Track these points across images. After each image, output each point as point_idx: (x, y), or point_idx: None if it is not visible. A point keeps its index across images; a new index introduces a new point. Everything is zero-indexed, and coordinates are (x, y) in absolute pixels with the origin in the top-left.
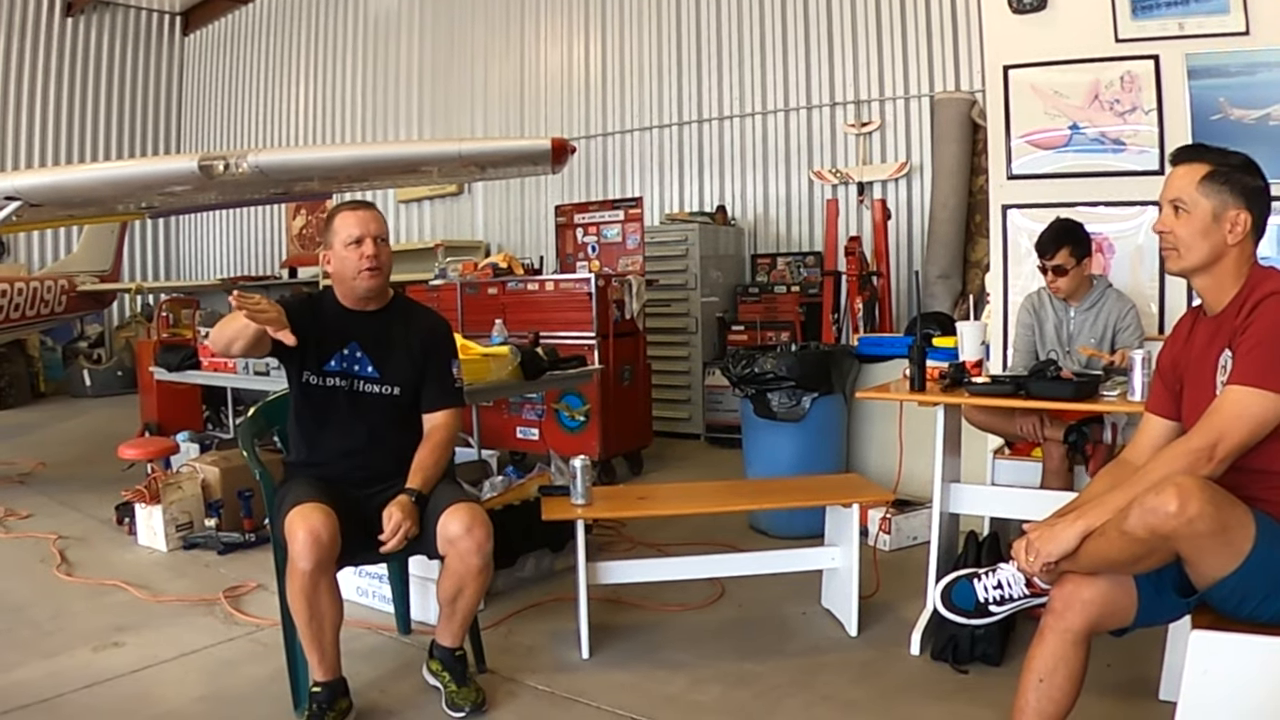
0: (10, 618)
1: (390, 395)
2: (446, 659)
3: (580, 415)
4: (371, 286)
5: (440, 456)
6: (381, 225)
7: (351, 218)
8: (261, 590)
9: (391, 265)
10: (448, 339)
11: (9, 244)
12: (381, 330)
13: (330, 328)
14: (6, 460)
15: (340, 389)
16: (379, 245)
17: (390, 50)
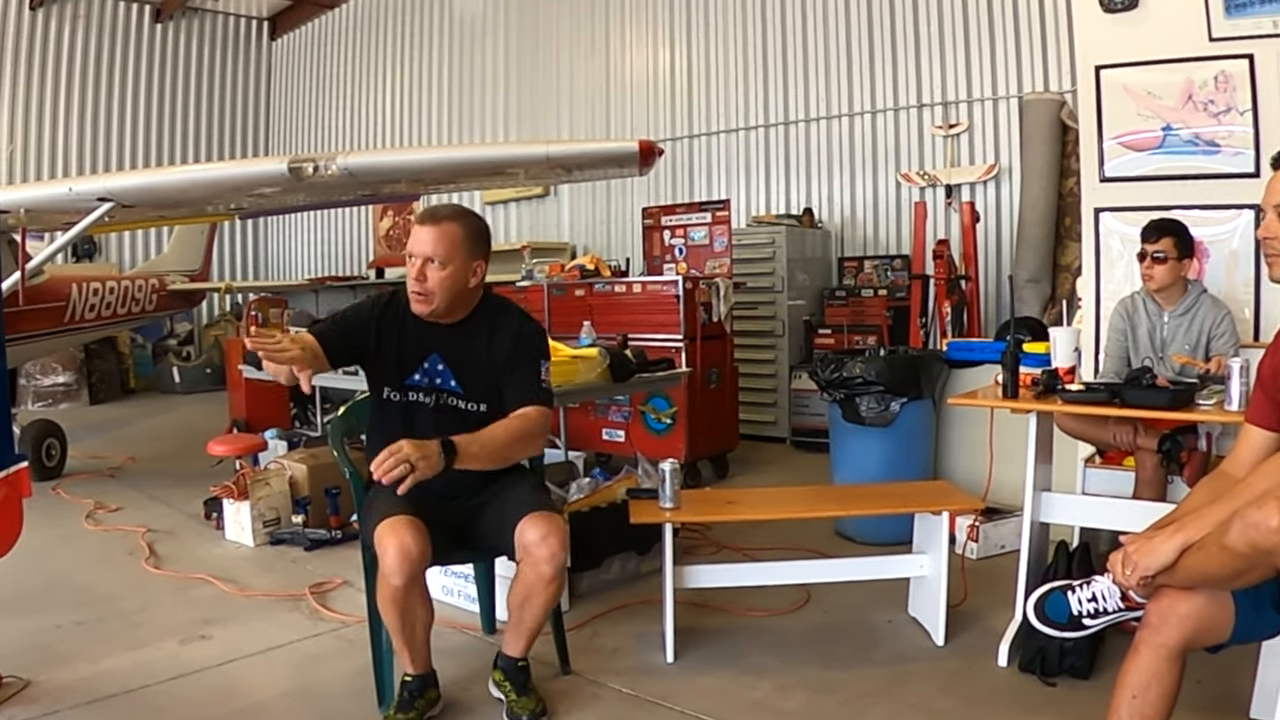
0: (99, 609)
1: (477, 412)
2: (509, 669)
3: (667, 418)
4: (418, 312)
5: (506, 436)
6: (441, 245)
7: (415, 232)
8: (347, 587)
9: (455, 289)
10: (535, 341)
11: (101, 244)
12: (463, 341)
13: (410, 338)
14: (97, 454)
15: (425, 405)
16: (428, 268)
17: (476, 52)
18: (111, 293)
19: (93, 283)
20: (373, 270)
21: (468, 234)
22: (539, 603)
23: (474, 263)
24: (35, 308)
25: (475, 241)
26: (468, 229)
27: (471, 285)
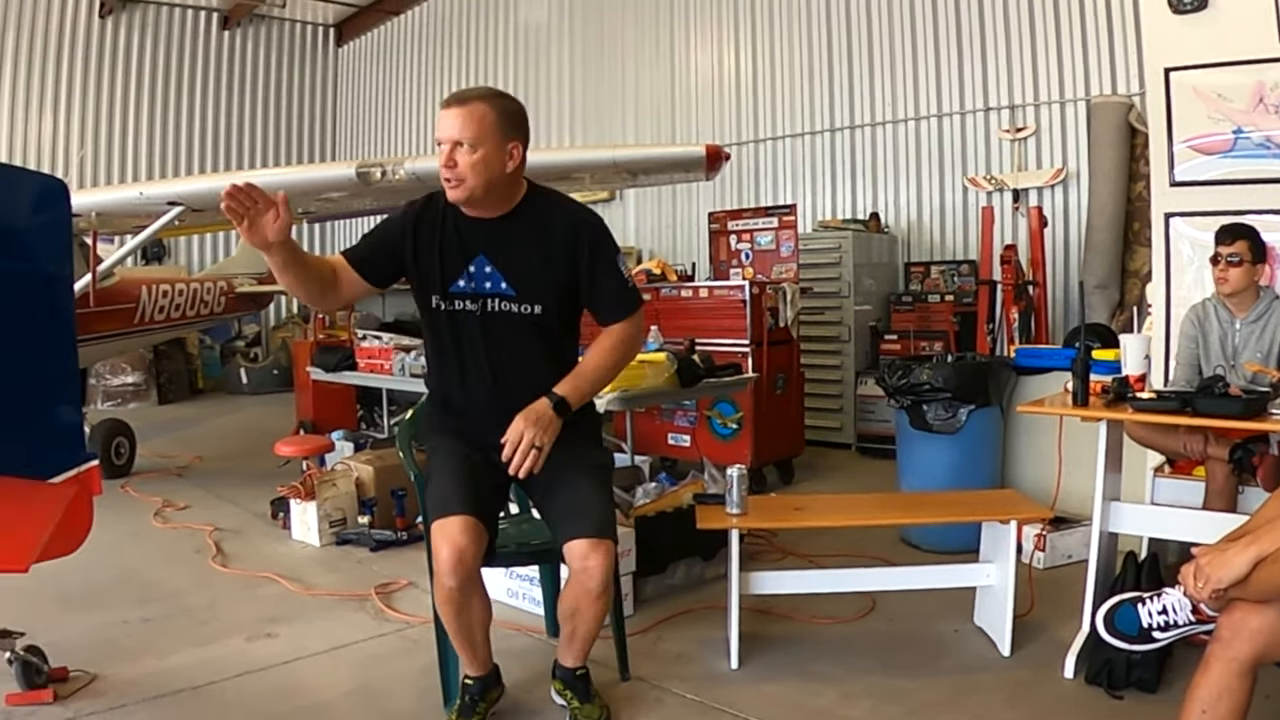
0: (167, 605)
1: (531, 315)
2: (568, 678)
3: (733, 423)
4: (453, 200)
5: (608, 362)
6: (470, 126)
7: (441, 117)
8: (413, 587)
9: (489, 173)
10: (602, 234)
11: (170, 247)
12: (511, 238)
13: (451, 238)
14: (165, 453)
15: (471, 314)
16: (458, 153)
17: (541, 58)
18: (180, 295)
19: (162, 285)
20: None
21: (499, 113)
22: (587, 616)
23: (509, 144)
24: (106, 309)
25: (508, 121)
26: (498, 108)
27: (509, 170)
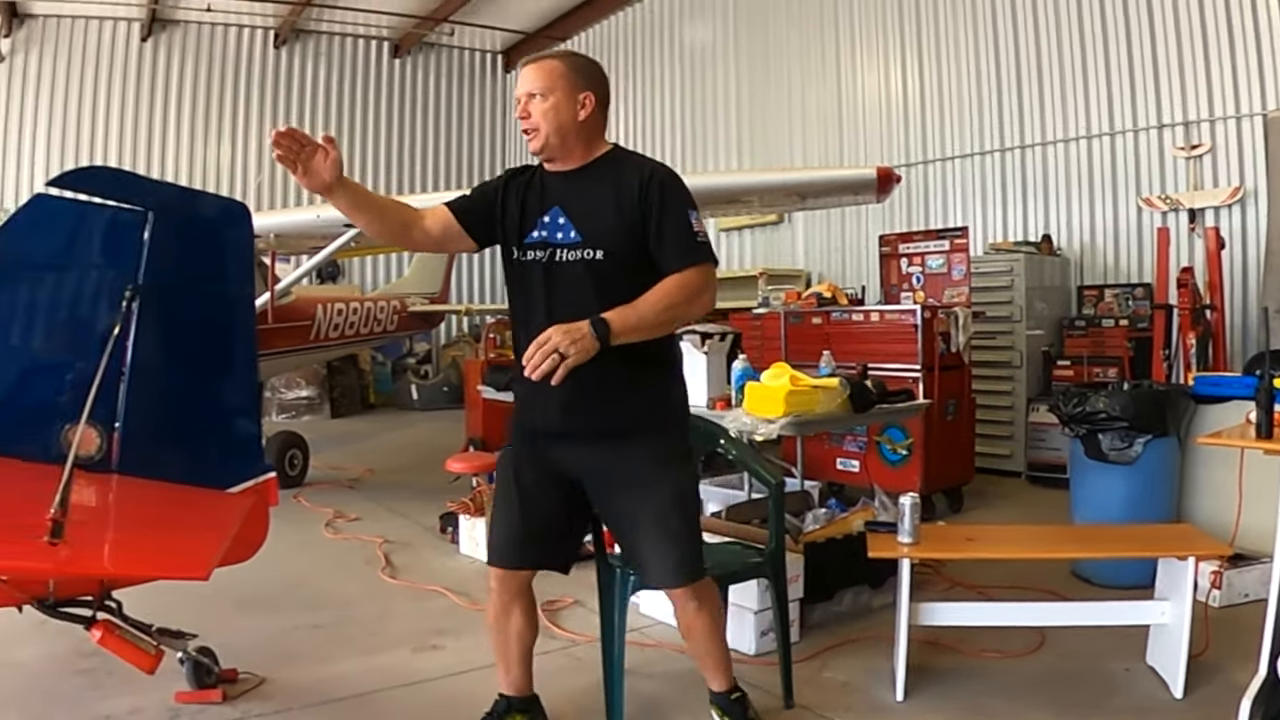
0: (337, 614)
1: (592, 261)
2: (723, 703)
3: (903, 449)
4: (533, 151)
5: (662, 300)
6: (539, 78)
7: (519, 78)
8: (579, 606)
9: (559, 119)
10: (674, 184)
11: (344, 267)
12: (585, 189)
13: (535, 193)
14: (337, 465)
15: (537, 263)
16: (531, 104)
17: (707, 79)
18: (354, 313)
19: (337, 303)
20: None
21: (569, 66)
22: (697, 639)
23: (580, 94)
24: (283, 326)
25: (579, 73)
26: (568, 62)
27: (581, 118)
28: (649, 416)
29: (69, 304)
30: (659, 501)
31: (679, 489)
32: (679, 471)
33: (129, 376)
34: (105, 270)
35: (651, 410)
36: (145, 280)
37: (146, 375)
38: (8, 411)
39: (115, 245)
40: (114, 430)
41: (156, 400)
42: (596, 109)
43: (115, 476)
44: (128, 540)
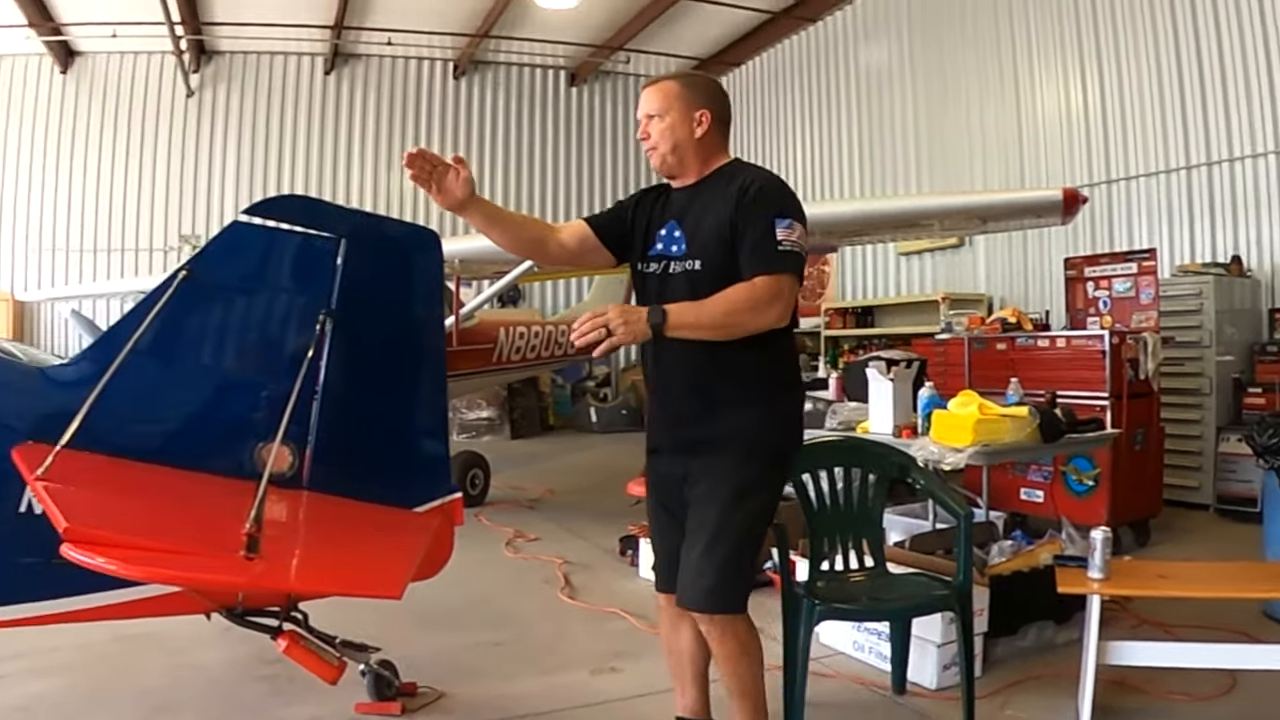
0: (517, 632)
1: (689, 272)
2: None
3: (1089, 479)
4: (656, 169)
5: (724, 303)
6: (656, 99)
7: (640, 98)
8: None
9: (676, 137)
10: (768, 192)
11: (525, 291)
12: (698, 201)
13: (659, 209)
14: (517, 485)
15: (654, 276)
16: (650, 125)
17: (884, 101)
18: (536, 336)
19: (518, 327)
20: None
21: (684, 85)
22: (721, 668)
23: (696, 111)
24: (467, 349)
25: (694, 91)
26: (684, 81)
27: (698, 135)
28: (731, 439)
29: (265, 326)
30: (716, 527)
31: (742, 519)
32: (752, 501)
33: (322, 396)
34: (300, 294)
35: (736, 433)
36: (338, 304)
37: (338, 396)
38: (205, 428)
39: (309, 270)
40: (306, 448)
41: (348, 420)
42: (713, 125)
43: (306, 493)
44: (321, 557)
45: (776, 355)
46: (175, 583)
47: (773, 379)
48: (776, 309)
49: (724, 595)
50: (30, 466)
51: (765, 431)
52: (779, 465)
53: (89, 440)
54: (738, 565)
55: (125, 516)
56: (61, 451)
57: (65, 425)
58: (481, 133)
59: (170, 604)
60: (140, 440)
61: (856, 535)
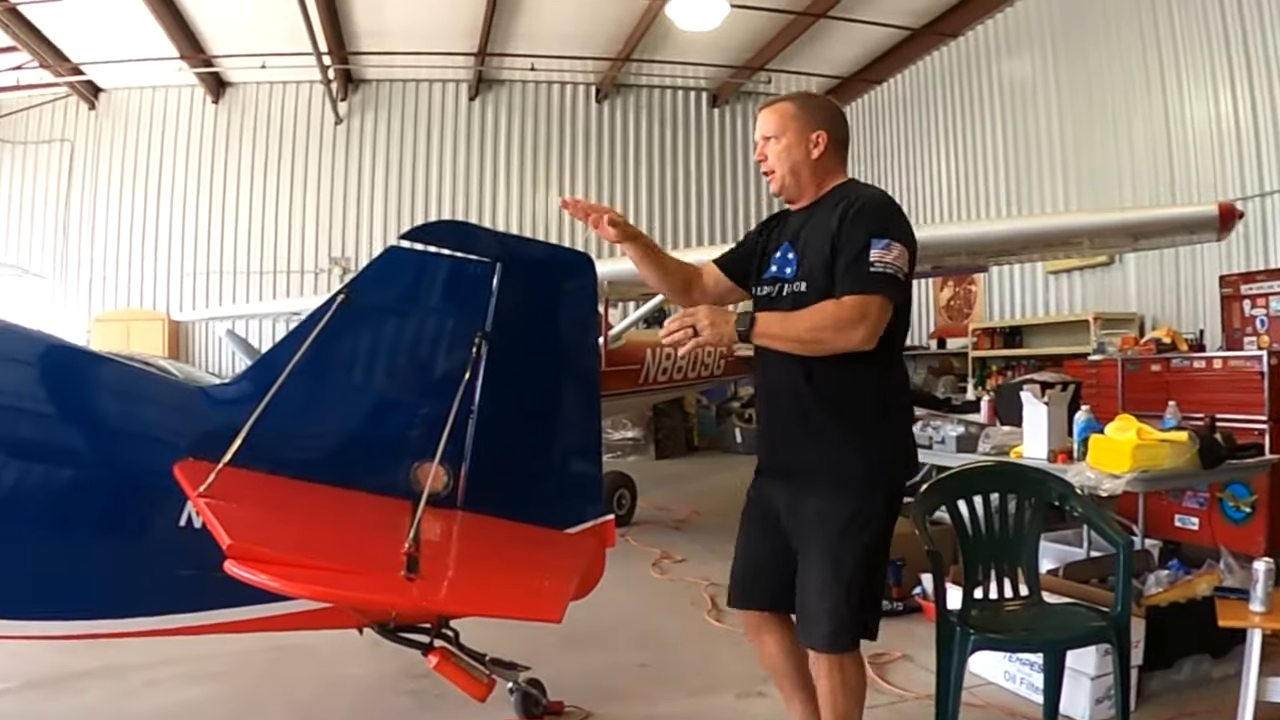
0: (662, 653)
1: (797, 292)
2: None
3: (1246, 506)
4: (774, 192)
5: (808, 318)
6: (772, 122)
7: (757, 120)
8: (906, 661)
9: (792, 159)
10: (869, 211)
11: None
12: (810, 223)
13: (777, 232)
14: (663, 506)
15: (767, 298)
16: (767, 147)
17: (1027, 117)
18: (682, 357)
19: (665, 348)
20: (934, 340)
21: (799, 107)
22: (822, 699)
23: (811, 133)
24: (615, 369)
25: (810, 112)
26: (799, 103)
27: (814, 157)
28: (829, 467)
29: (421, 348)
30: (829, 565)
31: (853, 553)
32: (862, 533)
33: (477, 417)
34: (455, 316)
35: (833, 460)
36: (493, 326)
37: (494, 417)
38: (362, 448)
39: (465, 293)
40: (462, 468)
41: (502, 441)
42: (830, 146)
43: (460, 513)
44: (479, 579)
45: (876, 379)
46: (338, 601)
47: (872, 404)
48: (861, 331)
49: (841, 637)
50: (192, 483)
51: (864, 459)
52: (883, 494)
53: (250, 458)
54: (850, 603)
55: (285, 533)
56: (223, 469)
57: (225, 443)
58: (624, 155)
59: (324, 618)
60: (299, 458)
61: (1011, 563)
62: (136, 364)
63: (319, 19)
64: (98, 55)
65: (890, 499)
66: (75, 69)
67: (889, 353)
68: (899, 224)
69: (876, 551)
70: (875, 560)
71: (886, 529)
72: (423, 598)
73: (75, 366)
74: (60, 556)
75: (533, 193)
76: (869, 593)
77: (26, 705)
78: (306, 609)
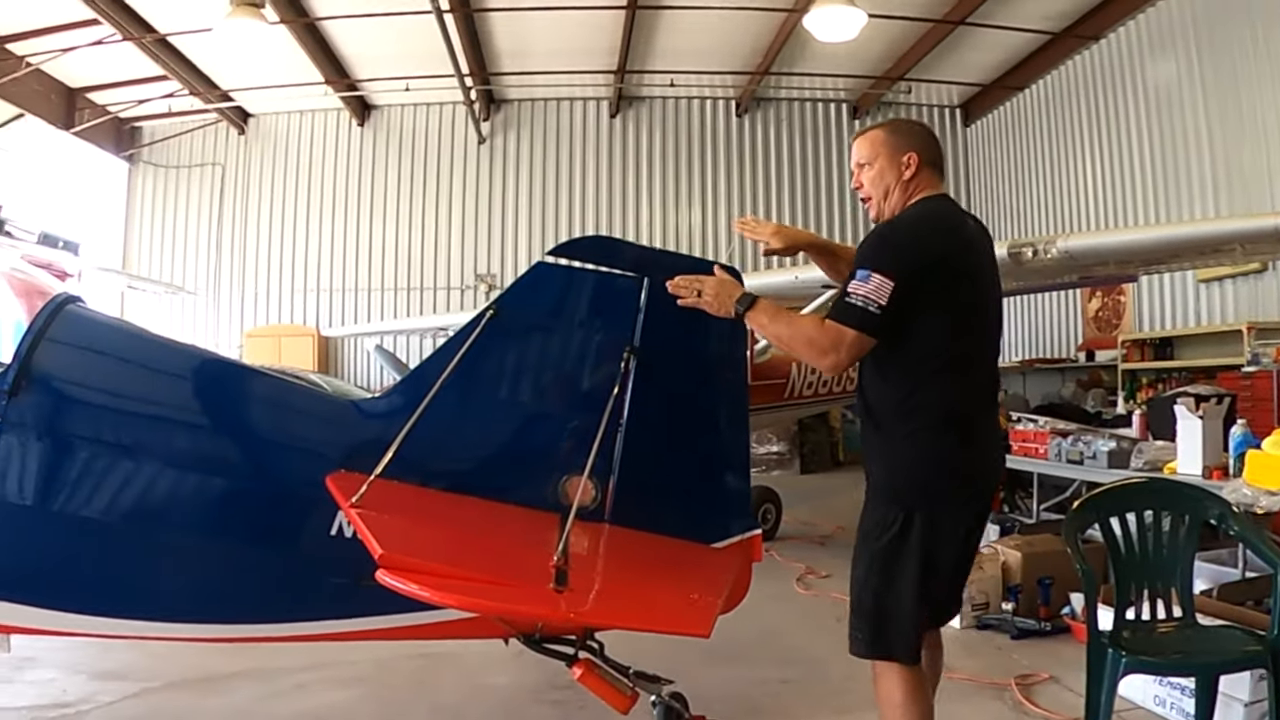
0: (807, 670)
1: None
2: None
3: None
4: (872, 218)
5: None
6: (864, 148)
7: (851, 149)
8: (1053, 683)
9: (885, 183)
10: (867, 241)
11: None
12: None
13: None
14: (808, 521)
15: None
16: (862, 174)
17: (1173, 119)
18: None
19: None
20: (1082, 353)
21: (889, 132)
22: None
23: (901, 155)
24: (760, 384)
25: (899, 135)
26: (889, 127)
27: (907, 178)
28: (873, 477)
29: (568, 362)
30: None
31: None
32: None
33: (625, 431)
34: (602, 331)
35: (876, 472)
36: (641, 340)
37: (642, 431)
38: (510, 461)
39: (612, 308)
40: (609, 482)
41: (650, 455)
42: (921, 166)
43: (607, 527)
44: (628, 592)
45: (907, 395)
46: (487, 612)
47: (900, 420)
48: (830, 358)
49: (853, 642)
50: (344, 494)
51: (889, 472)
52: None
53: (400, 470)
54: (859, 610)
55: (435, 544)
56: (375, 480)
57: (377, 455)
58: (765, 169)
59: (470, 628)
60: (449, 471)
61: (1165, 583)
62: (289, 378)
63: (460, 42)
64: (246, 82)
65: (909, 514)
66: (224, 96)
67: (923, 369)
68: (887, 255)
69: (887, 563)
70: (888, 572)
71: (901, 543)
72: (571, 610)
73: (233, 381)
74: (217, 563)
75: (675, 207)
76: (878, 604)
77: (174, 704)
78: (454, 618)
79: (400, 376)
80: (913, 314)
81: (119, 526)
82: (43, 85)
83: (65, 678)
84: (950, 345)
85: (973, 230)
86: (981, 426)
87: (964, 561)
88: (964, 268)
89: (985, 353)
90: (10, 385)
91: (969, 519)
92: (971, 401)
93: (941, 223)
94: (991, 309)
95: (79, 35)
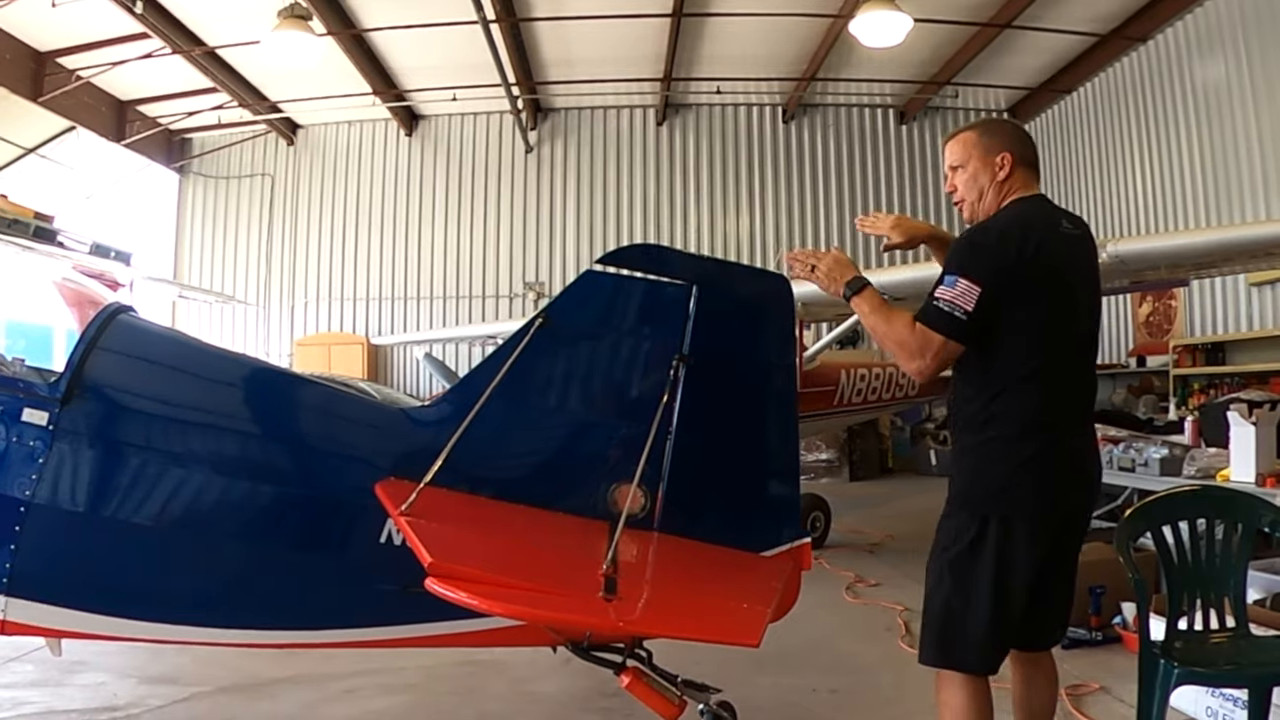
0: (855, 679)
1: None
2: None
3: None
4: (966, 221)
5: (888, 320)
6: (956, 151)
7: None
8: (1103, 694)
9: (979, 185)
10: (957, 245)
11: (863, 332)
12: None
13: None
14: (856, 529)
15: None
16: (955, 178)
17: (1223, 120)
18: (876, 378)
19: (859, 369)
20: (1133, 358)
21: (980, 133)
22: None
23: (993, 157)
24: (809, 391)
25: (991, 136)
26: (980, 129)
27: (1001, 179)
28: (957, 487)
29: (618, 370)
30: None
31: (938, 570)
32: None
33: (675, 439)
34: (652, 339)
35: (965, 480)
36: (691, 348)
37: (691, 439)
38: (559, 469)
39: (661, 315)
40: (659, 490)
41: (699, 463)
42: (1015, 166)
43: (656, 535)
44: (677, 601)
45: (983, 402)
46: (536, 621)
47: (975, 426)
48: (917, 362)
49: (923, 649)
50: (394, 501)
51: (961, 477)
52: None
53: (449, 478)
54: (926, 615)
55: (484, 552)
56: (424, 488)
57: (426, 463)
58: (814, 174)
59: (518, 636)
60: (498, 479)
61: (1218, 592)
62: (339, 386)
63: (506, 51)
64: (294, 94)
65: (984, 521)
66: (273, 107)
67: (1006, 377)
68: (976, 259)
69: (959, 571)
70: (959, 579)
71: (975, 551)
72: (620, 619)
73: (283, 389)
74: (266, 569)
75: (723, 214)
76: (946, 609)
77: (223, 709)
78: (502, 626)
79: (449, 384)
80: (999, 320)
81: (169, 533)
82: (94, 98)
83: (115, 681)
84: (1036, 353)
85: (1067, 232)
86: (1066, 438)
87: (1052, 579)
88: (1054, 272)
89: (1075, 361)
90: (63, 393)
91: (1052, 532)
92: (1056, 411)
93: (1033, 226)
94: (1083, 317)
95: (129, 49)
